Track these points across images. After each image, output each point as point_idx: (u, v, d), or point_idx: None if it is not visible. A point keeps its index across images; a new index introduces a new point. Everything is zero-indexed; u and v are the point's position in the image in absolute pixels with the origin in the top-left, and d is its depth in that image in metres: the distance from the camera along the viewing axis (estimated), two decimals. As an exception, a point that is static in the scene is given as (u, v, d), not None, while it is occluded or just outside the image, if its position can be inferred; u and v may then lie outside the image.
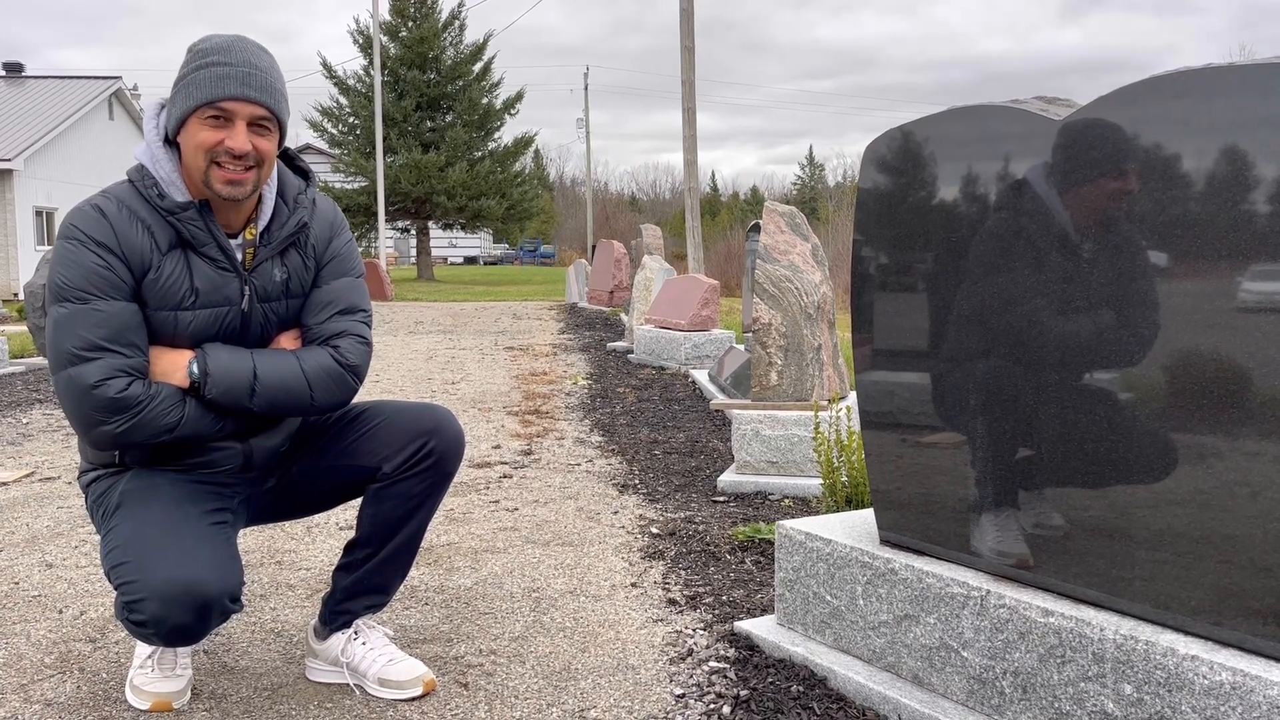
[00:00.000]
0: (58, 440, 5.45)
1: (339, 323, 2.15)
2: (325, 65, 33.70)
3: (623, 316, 13.92)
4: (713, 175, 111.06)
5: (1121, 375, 1.79)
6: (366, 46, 31.93)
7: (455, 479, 4.36)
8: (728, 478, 4.16)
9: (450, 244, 68.03)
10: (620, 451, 5.02)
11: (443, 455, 2.24)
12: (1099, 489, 1.85)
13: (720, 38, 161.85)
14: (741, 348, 7.32)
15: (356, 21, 33.43)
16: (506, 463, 4.76)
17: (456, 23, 34.20)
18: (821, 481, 3.61)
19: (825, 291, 4.39)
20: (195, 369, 2.01)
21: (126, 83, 32.38)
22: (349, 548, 2.30)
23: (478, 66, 34.25)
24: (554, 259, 69.64)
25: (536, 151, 45.67)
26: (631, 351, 9.31)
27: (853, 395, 4.51)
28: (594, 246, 18.14)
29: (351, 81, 34.04)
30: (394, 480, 2.21)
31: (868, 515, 2.48)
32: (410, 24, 33.68)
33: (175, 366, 2.01)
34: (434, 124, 33.76)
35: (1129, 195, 1.77)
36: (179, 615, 1.88)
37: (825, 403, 4.28)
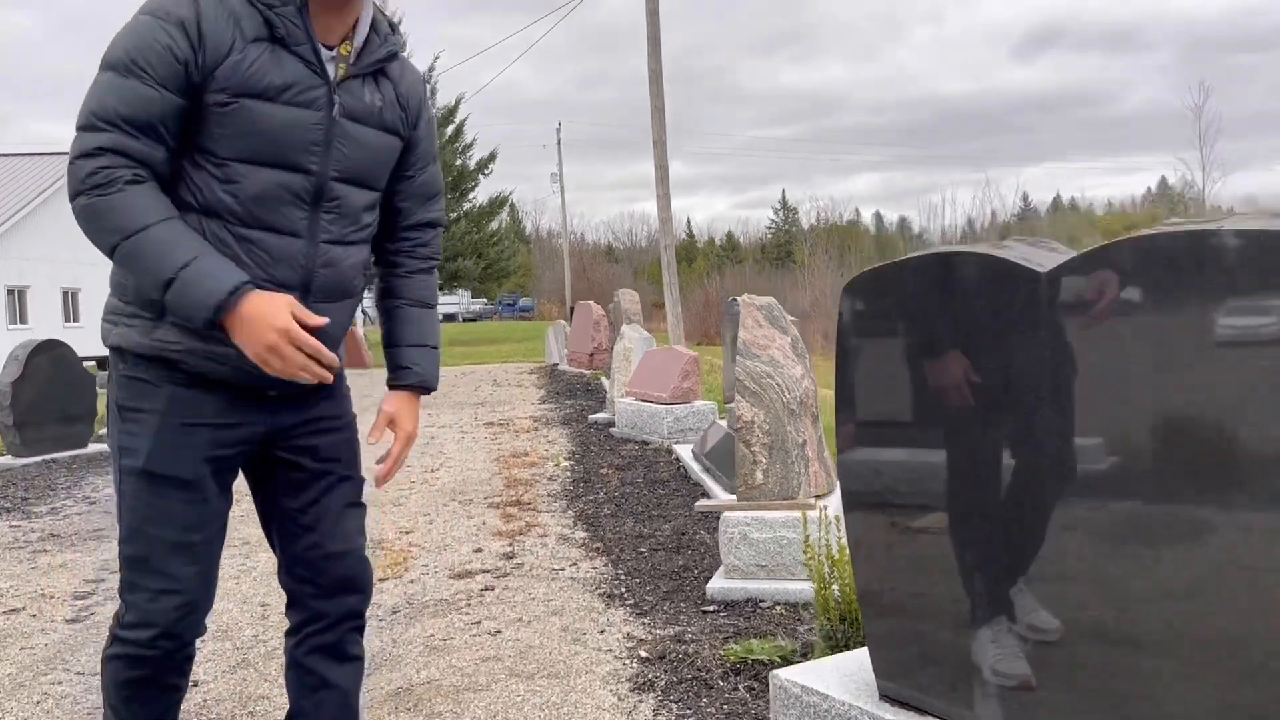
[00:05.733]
0: (22, 560, 5.27)
1: (432, 215, 2.26)
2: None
3: (603, 381, 13.81)
4: (688, 222, 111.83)
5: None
6: (338, 113, 32.04)
7: (437, 594, 4.25)
8: (716, 584, 4.04)
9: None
10: (605, 550, 4.89)
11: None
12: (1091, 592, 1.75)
13: (687, 88, 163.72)
14: (723, 423, 7.23)
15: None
16: (488, 570, 4.61)
17: (427, 86, 34.40)
18: (814, 590, 3.50)
19: (807, 385, 4.30)
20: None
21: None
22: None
23: (450, 129, 34.44)
24: (533, 312, 69.67)
25: (512, 206, 45.78)
26: (613, 424, 9.20)
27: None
28: (572, 308, 18.09)
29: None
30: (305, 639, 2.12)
31: (863, 656, 2.36)
32: (381, 89, 33.86)
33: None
34: (408, 187, 33.85)
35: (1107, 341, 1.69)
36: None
37: (813, 500, 4.18)
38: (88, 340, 30.20)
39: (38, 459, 8.80)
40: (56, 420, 9.14)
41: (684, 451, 7.49)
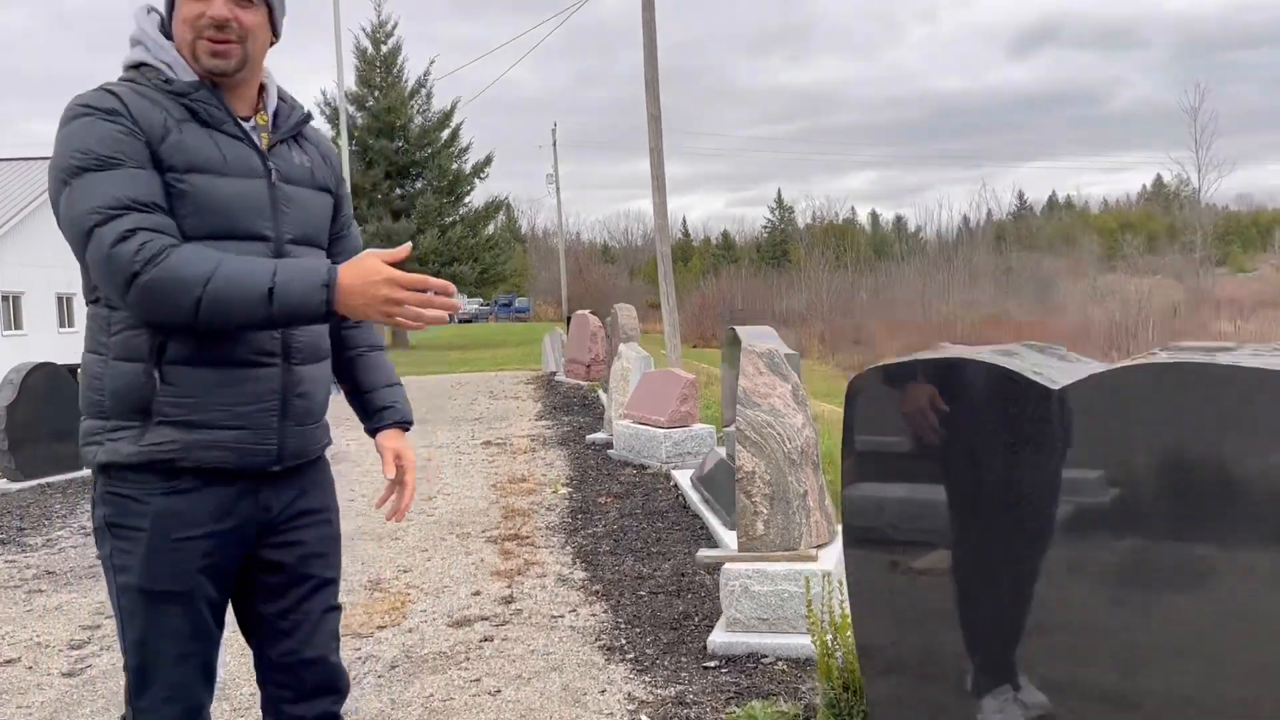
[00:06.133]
0: (17, 601, 5.24)
1: None
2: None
3: (600, 394, 13.79)
4: (683, 221, 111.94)
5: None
6: (334, 117, 31.95)
7: (435, 646, 4.21)
8: (718, 637, 4.01)
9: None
10: (605, 593, 4.86)
11: None
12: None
13: (683, 87, 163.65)
14: (721, 450, 7.20)
15: (324, 94, 33.52)
16: (487, 617, 4.58)
17: (423, 90, 34.36)
18: (816, 653, 3.47)
19: (808, 435, 4.28)
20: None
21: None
22: None
23: (445, 133, 34.37)
24: (529, 313, 69.59)
25: (507, 205, 45.67)
26: (611, 446, 9.17)
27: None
28: (569, 318, 18.06)
29: (320, 152, 34.01)
30: None
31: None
32: (377, 93, 33.78)
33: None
34: (404, 191, 33.79)
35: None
36: None
37: (814, 550, 4.15)
38: (81, 346, 30.15)
39: (33, 483, 8.76)
40: (52, 443, 9.09)
41: (682, 478, 7.46)
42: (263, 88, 2.06)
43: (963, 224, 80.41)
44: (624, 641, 4.18)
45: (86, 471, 9.23)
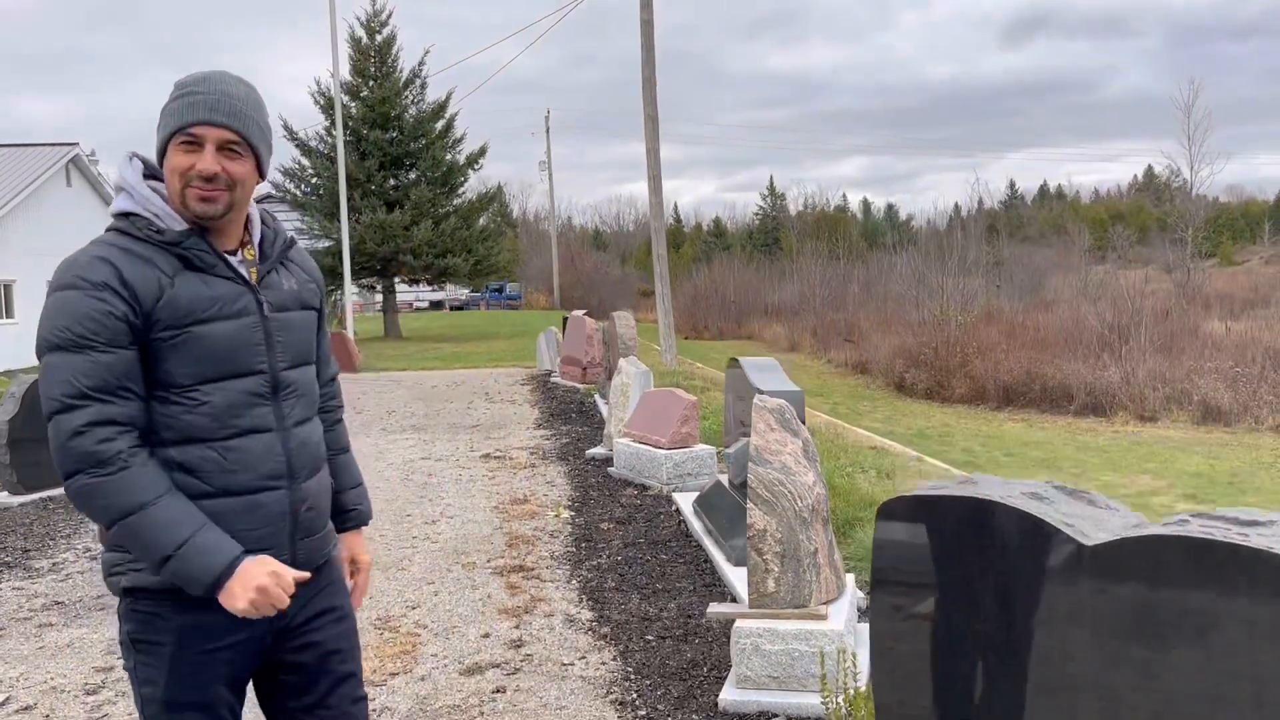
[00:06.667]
0: (29, 636, 5.27)
1: (333, 370, 2.45)
2: (286, 128, 33.52)
3: (597, 399, 13.84)
4: (675, 206, 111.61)
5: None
6: (328, 107, 31.80)
7: (449, 698, 4.27)
8: (729, 695, 4.07)
9: (415, 295, 67.56)
10: (613, 638, 4.92)
11: None
12: None
13: (674, 72, 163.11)
14: (723, 477, 7.26)
15: (318, 83, 33.30)
16: (498, 664, 4.64)
17: (418, 81, 34.18)
18: (825, 714, 3.54)
19: (819, 492, 4.33)
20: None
21: (84, 148, 32.07)
22: None
23: (440, 124, 34.21)
24: (520, 300, 69.41)
25: (499, 189, 45.53)
26: (611, 462, 9.23)
27: (850, 597, 4.45)
28: (565, 319, 18.09)
29: (314, 143, 33.90)
30: None
31: None
32: (371, 84, 33.60)
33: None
34: (397, 182, 33.65)
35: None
36: None
37: (823, 607, 4.22)
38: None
39: (35, 497, 8.78)
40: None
41: (684, 503, 7.52)
42: (248, 218, 2.17)
43: (954, 212, 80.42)
44: (635, 695, 4.24)
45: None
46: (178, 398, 2.00)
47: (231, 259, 2.10)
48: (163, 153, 2.06)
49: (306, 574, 2.07)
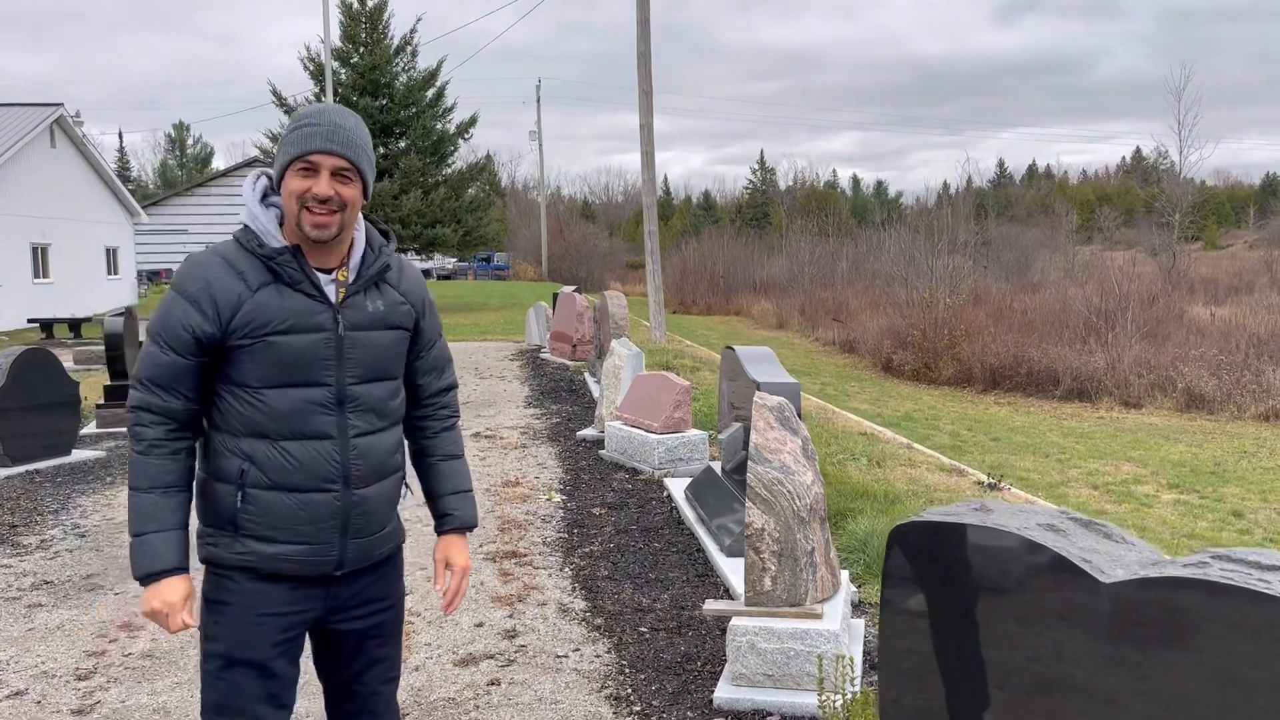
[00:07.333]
0: (17, 617, 5.24)
1: (446, 382, 2.65)
2: (276, 94, 33.17)
3: (587, 377, 13.83)
4: (664, 178, 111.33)
5: None
6: (318, 73, 31.46)
7: (444, 690, 4.28)
8: (723, 693, 4.09)
9: (403, 259, 66.99)
10: (607, 629, 4.93)
11: None
12: None
13: (666, 42, 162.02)
14: (716, 466, 7.27)
15: (308, 49, 32.95)
16: (492, 656, 4.64)
17: (409, 48, 33.83)
18: (820, 713, 3.56)
19: (817, 491, 4.34)
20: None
21: (69, 109, 31.65)
22: None
23: (430, 93, 33.91)
24: (508, 270, 69.16)
25: (489, 159, 45.11)
26: (602, 444, 9.22)
27: (843, 602, 4.47)
28: (555, 295, 18.03)
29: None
30: None
31: None
32: (362, 50, 33.24)
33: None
34: (387, 151, 33.36)
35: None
36: None
37: (819, 606, 4.23)
38: (56, 297, 29.77)
39: (21, 470, 8.73)
40: (40, 429, 9.05)
41: (675, 489, 7.53)
42: (353, 242, 2.39)
43: (943, 190, 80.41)
44: (629, 690, 4.25)
45: (76, 458, 9.22)
46: (247, 396, 2.28)
47: (323, 277, 2.33)
48: (280, 177, 2.31)
49: (195, 623, 2.33)
